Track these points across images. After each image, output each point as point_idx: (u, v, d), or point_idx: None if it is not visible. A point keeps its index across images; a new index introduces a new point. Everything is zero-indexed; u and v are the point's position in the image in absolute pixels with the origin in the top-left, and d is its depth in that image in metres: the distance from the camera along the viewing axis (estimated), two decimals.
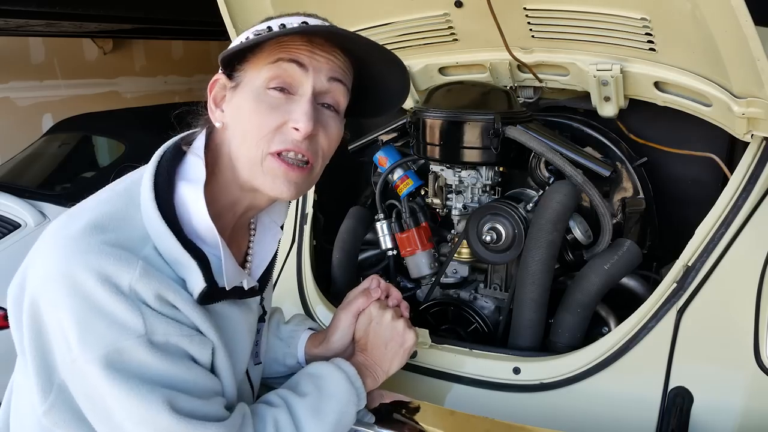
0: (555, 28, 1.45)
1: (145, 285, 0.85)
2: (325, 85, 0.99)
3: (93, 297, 0.83)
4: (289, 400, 1.04)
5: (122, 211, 0.92)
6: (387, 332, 1.19)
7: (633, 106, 1.57)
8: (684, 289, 1.30)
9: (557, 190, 1.48)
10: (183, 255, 0.90)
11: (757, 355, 1.21)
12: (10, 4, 3.63)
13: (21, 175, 3.74)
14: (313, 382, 1.08)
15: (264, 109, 0.96)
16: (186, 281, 0.91)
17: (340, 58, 1.01)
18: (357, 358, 1.19)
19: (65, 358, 0.85)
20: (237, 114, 0.99)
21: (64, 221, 0.91)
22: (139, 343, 0.84)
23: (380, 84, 1.08)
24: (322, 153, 1.02)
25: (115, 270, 0.84)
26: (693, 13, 1.16)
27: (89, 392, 0.86)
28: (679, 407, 1.21)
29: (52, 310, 0.85)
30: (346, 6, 1.60)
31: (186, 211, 0.95)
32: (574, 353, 1.36)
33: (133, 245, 0.88)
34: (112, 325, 0.83)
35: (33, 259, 0.91)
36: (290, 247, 1.78)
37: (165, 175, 0.95)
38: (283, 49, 0.97)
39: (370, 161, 1.91)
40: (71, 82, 5.82)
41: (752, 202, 1.31)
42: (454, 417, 1.24)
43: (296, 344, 1.27)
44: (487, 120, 1.51)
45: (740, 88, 1.23)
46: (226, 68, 1.01)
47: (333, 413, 1.04)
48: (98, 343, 0.83)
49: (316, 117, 0.98)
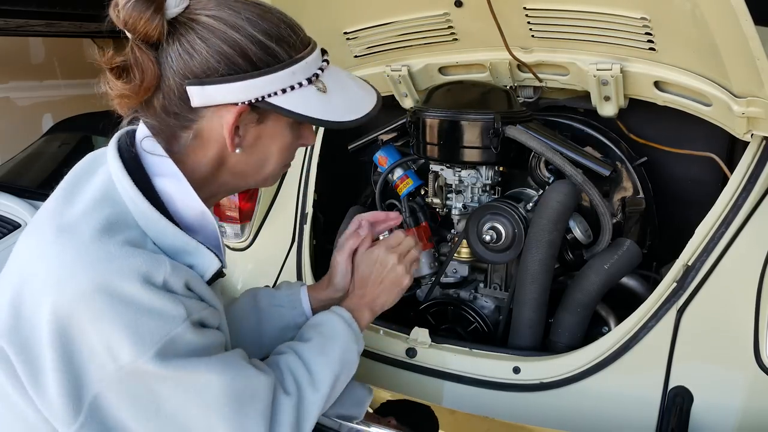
0: (555, 27, 1.45)
1: (176, 277, 0.90)
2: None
3: (134, 299, 0.85)
4: (294, 347, 1.13)
5: (115, 215, 0.92)
6: (387, 273, 1.26)
7: (633, 106, 1.57)
8: (684, 289, 1.30)
9: (557, 190, 1.48)
10: (190, 243, 0.95)
11: (757, 355, 1.21)
12: (10, 4, 3.62)
13: (21, 175, 3.73)
14: (314, 330, 1.16)
15: (288, 156, 1.06)
16: (194, 266, 0.96)
17: None
18: (351, 299, 1.25)
19: (107, 369, 0.85)
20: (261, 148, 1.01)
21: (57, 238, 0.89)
22: (186, 327, 0.89)
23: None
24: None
25: (148, 269, 0.87)
26: (693, 13, 1.16)
27: (137, 396, 0.88)
28: (679, 407, 1.22)
29: (90, 326, 0.84)
30: (346, 6, 1.60)
31: (172, 204, 0.97)
32: (574, 353, 1.36)
33: (139, 244, 0.90)
34: (160, 319, 0.87)
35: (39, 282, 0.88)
36: (290, 247, 1.79)
37: (139, 173, 0.96)
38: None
39: (370, 161, 1.91)
40: (71, 82, 5.81)
41: (752, 202, 1.31)
42: (454, 417, 1.24)
43: (300, 302, 1.31)
44: (487, 120, 1.51)
45: (740, 87, 1.23)
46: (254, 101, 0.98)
47: (337, 351, 1.12)
48: (152, 339, 0.85)
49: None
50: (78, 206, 0.94)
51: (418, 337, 1.48)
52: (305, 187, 1.85)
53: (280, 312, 1.30)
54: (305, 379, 1.07)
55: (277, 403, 1.01)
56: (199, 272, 0.96)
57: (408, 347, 1.48)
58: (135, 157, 0.99)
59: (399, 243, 1.28)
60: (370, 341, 1.52)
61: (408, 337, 1.49)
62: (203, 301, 0.96)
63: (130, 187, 0.93)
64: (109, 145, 1.01)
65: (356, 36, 1.67)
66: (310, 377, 1.08)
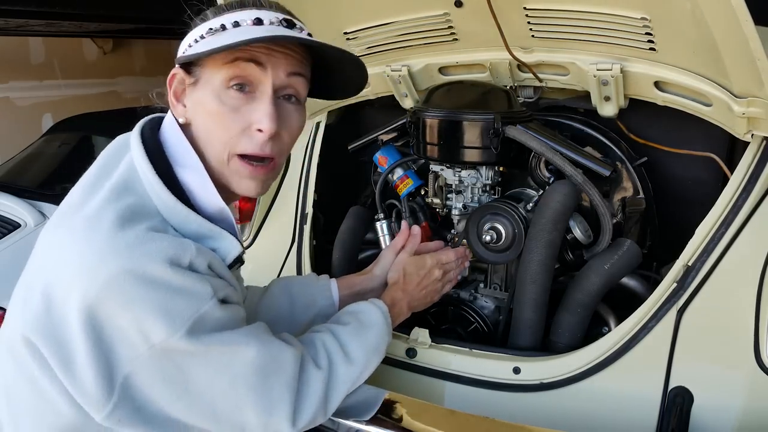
0: (555, 27, 1.45)
1: (201, 259, 0.93)
2: (284, 81, 1.02)
3: (164, 281, 0.88)
4: (331, 327, 1.17)
5: (136, 204, 0.95)
6: (430, 282, 1.39)
7: (633, 106, 1.57)
8: (684, 289, 1.29)
9: (557, 190, 1.48)
10: (213, 229, 0.99)
11: (757, 355, 1.21)
12: (10, 4, 3.63)
13: (21, 175, 3.74)
14: (352, 315, 1.21)
15: (227, 110, 0.98)
16: (217, 250, 0.99)
17: (298, 50, 1.03)
18: (394, 291, 1.35)
19: (139, 350, 0.88)
20: (200, 112, 1.01)
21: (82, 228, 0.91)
22: (213, 304, 0.92)
23: (338, 70, 1.11)
24: (286, 148, 1.07)
25: (175, 251, 0.90)
26: (693, 13, 1.16)
27: (167, 374, 0.91)
28: (680, 407, 1.21)
29: (121, 310, 0.87)
30: (346, 6, 1.60)
31: (192, 194, 1.00)
32: (574, 353, 1.36)
33: (163, 229, 0.93)
34: (190, 298, 0.90)
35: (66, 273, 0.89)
36: (290, 247, 1.79)
37: (162, 164, 0.99)
38: (241, 48, 0.97)
39: (370, 161, 1.91)
40: (71, 82, 5.82)
41: (752, 202, 1.31)
42: (454, 417, 1.24)
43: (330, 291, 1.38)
44: (487, 120, 1.51)
45: (740, 87, 1.23)
46: (182, 64, 1.03)
47: (372, 339, 1.17)
48: (182, 318, 0.89)
49: (278, 114, 1.01)
50: (101, 195, 0.96)
51: (418, 337, 1.48)
52: (305, 187, 1.85)
53: (313, 299, 1.35)
54: (339, 356, 1.11)
55: (306, 375, 1.04)
56: (222, 256, 1.00)
57: (408, 347, 1.48)
58: (158, 146, 1.01)
59: (448, 261, 1.43)
60: None
61: (408, 337, 1.49)
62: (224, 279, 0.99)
63: (153, 179, 0.96)
64: (132, 133, 1.03)
65: (356, 36, 1.67)
66: (344, 355, 1.11)
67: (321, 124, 1.95)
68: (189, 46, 1.02)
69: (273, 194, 1.93)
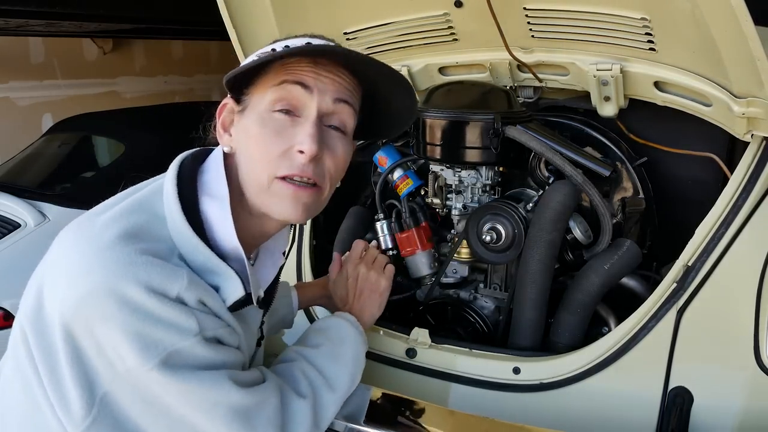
0: (555, 27, 1.45)
1: (192, 292, 0.89)
2: (330, 107, 0.99)
3: (145, 308, 0.85)
4: (304, 353, 1.13)
5: (148, 224, 0.93)
6: (362, 284, 1.31)
7: (633, 106, 1.57)
8: (684, 289, 1.29)
9: (557, 190, 1.48)
10: (219, 265, 0.94)
11: (757, 355, 1.21)
12: (10, 4, 3.63)
13: (21, 175, 3.73)
14: (322, 335, 1.18)
15: (269, 132, 0.96)
16: (220, 288, 0.95)
17: (347, 79, 1.01)
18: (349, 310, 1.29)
19: (116, 369, 0.86)
20: (244, 138, 0.99)
21: (83, 236, 0.91)
22: (196, 341, 0.88)
23: (388, 104, 1.08)
24: (330, 176, 1.02)
25: (163, 280, 0.86)
26: (693, 13, 1.16)
27: (146, 396, 0.88)
28: (679, 407, 1.21)
29: (98, 326, 0.85)
30: (346, 6, 1.60)
31: (210, 226, 0.96)
32: (574, 353, 1.36)
33: (163, 256, 0.90)
34: (169, 330, 0.86)
35: (55, 277, 0.89)
36: (290, 247, 1.78)
37: (188, 189, 0.96)
38: (288, 71, 0.97)
39: (370, 161, 1.91)
40: (71, 82, 5.81)
41: (752, 202, 1.31)
42: (454, 417, 1.24)
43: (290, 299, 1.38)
44: (487, 120, 1.51)
45: (740, 87, 1.23)
46: (233, 92, 1.01)
47: (349, 354, 1.15)
48: (157, 348, 0.85)
49: (321, 138, 0.98)
50: (117, 208, 0.95)
51: (418, 338, 1.48)
52: None
53: (274, 308, 1.30)
54: (320, 382, 1.08)
55: (291, 407, 1.01)
56: (223, 296, 0.95)
57: (408, 347, 1.48)
58: (193, 173, 1.00)
59: (361, 254, 1.35)
60: (370, 341, 1.51)
61: (408, 337, 1.49)
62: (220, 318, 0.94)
63: (173, 200, 0.94)
64: (177, 157, 1.03)
65: (356, 36, 1.67)
66: (325, 380, 1.08)
67: None
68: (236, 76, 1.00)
69: None
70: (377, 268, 1.32)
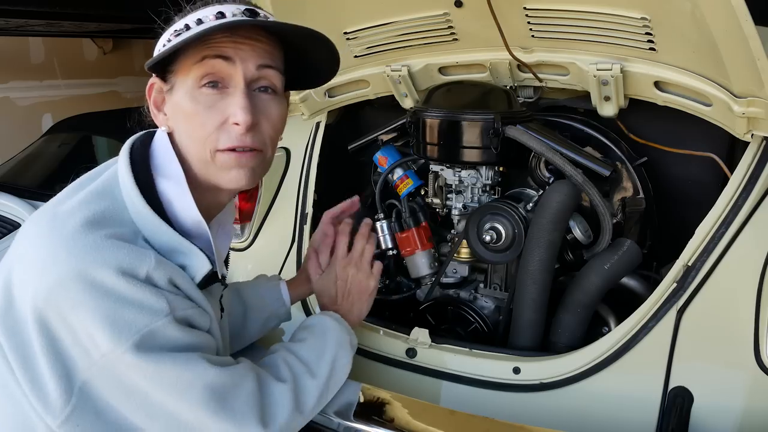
0: (555, 27, 1.45)
1: (160, 272, 0.90)
2: (255, 73, 1.00)
3: (115, 290, 0.86)
4: (287, 346, 1.15)
5: (110, 209, 0.93)
6: (349, 285, 1.31)
7: (633, 106, 1.57)
8: (684, 289, 1.29)
9: (557, 190, 1.48)
10: (182, 244, 0.95)
11: (757, 355, 1.21)
12: (10, 4, 3.62)
13: (21, 175, 3.73)
14: (306, 330, 1.20)
15: (201, 108, 0.97)
16: (186, 267, 0.96)
17: (265, 41, 1.01)
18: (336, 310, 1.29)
19: (92, 356, 0.87)
20: (178, 116, 1.00)
21: (48, 226, 0.91)
22: (168, 321, 0.89)
23: (310, 55, 1.08)
24: (270, 139, 1.03)
25: (131, 261, 0.88)
26: (693, 13, 1.16)
27: (123, 382, 0.89)
28: (679, 407, 1.21)
29: (70, 313, 0.85)
30: (346, 6, 1.60)
31: (170, 206, 0.97)
32: (574, 353, 1.36)
33: (128, 239, 0.91)
34: (140, 312, 0.87)
35: (24, 268, 0.90)
36: (290, 247, 1.78)
37: (143, 172, 0.97)
38: (208, 46, 0.97)
39: (370, 161, 1.91)
40: (71, 82, 5.81)
41: (752, 202, 1.31)
42: (454, 417, 1.24)
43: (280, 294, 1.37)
44: (487, 120, 1.51)
45: (740, 87, 1.23)
46: (158, 73, 1.02)
47: (331, 343, 1.16)
48: (130, 331, 0.86)
49: (254, 105, 0.99)
50: (79, 196, 0.95)
51: (418, 338, 1.48)
52: (305, 187, 1.85)
53: (263, 303, 1.34)
54: (300, 369, 1.10)
55: (270, 390, 1.02)
56: (191, 274, 0.96)
57: (408, 347, 1.48)
58: (145, 156, 1.00)
59: (347, 253, 1.33)
60: (370, 341, 1.52)
61: (408, 337, 1.49)
62: (191, 300, 0.96)
63: (130, 184, 0.95)
64: (126, 143, 1.03)
65: (356, 36, 1.67)
66: (305, 367, 1.10)
67: (321, 124, 1.95)
68: (158, 51, 1.01)
69: (273, 194, 1.93)
70: (365, 268, 1.32)
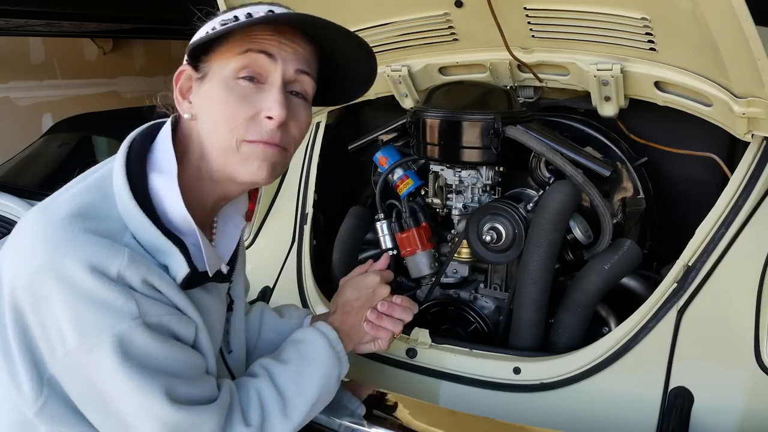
0: (555, 27, 1.45)
1: (133, 271, 0.87)
2: (293, 75, 1.01)
3: (83, 286, 0.84)
4: (270, 369, 1.09)
5: (98, 203, 0.93)
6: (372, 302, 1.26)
7: (633, 106, 1.57)
8: (684, 289, 1.29)
9: (557, 190, 1.48)
10: (164, 243, 0.92)
11: (757, 355, 1.21)
12: (10, 4, 3.62)
13: (21, 175, 3.73)
14: (295, 349, 1.13)
15: (236, 98, 0.97)
16: (168, 267, 0.94)
17: (306, 48, 1.03)
18: (338, 321, 1.22)
19: (57, 352, 0.86)
20: (207, 104, 1.00)
21: (37, 215, 0.91)
22: (135, 325, 0.86)
23: (346, 71, 1.10)
24: (294, 141, 1.04)
25: (103, 258, 0.85)
26: (693, 13, 1.16)
27: (85, 381, 0.87)
28: (680, 407, 1.21)
29: (42, 304, 0.85)
30: (346, 6, 1.60)
31: (160, 202, 0.96)
32: (574, 353, 1.36)
33: (112, 234, 0.89)
34: (106, 312, 0.84)
35: (8, 255, 0.90)
36: (290, 247, 1.78)
37: (137, 167, 0.96)
38: (251, 40, 0.98)
39: (370, 161, 1.91)
40: (71, 82, 5.81)
41: (752, 202, 1.31)
42: (454, 417, 1.24)
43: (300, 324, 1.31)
44: (487, 120, 1.51)
45: (741, 87, 1.23)
46: (192, 59, 1.03)
47: (316, 377, 1.09)
48: (96, 330, 0.84)
49: (287, 105, 0.99)
50: (72, 190, 0.95)
51: (419, 338, 1.48)
52: (305, 187, 1.85)
53: (278, 339, 1.26)
54: (274, 407, 1.03)
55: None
56: (172, 274, 0.94)
57: (408, 347, 1.48)
58: (143, 150, 0.99)
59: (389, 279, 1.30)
60: None
61: (408, 337, 1.49)
62: (173, 306, 0.93)
63: (120, 178, 0.94)
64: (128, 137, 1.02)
65: None
66: (282, 404, 1.04)
67: (321, 124, 1.95)
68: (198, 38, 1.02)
69: (273, 194, 1.93)
70: (396, 313, 1.26)
